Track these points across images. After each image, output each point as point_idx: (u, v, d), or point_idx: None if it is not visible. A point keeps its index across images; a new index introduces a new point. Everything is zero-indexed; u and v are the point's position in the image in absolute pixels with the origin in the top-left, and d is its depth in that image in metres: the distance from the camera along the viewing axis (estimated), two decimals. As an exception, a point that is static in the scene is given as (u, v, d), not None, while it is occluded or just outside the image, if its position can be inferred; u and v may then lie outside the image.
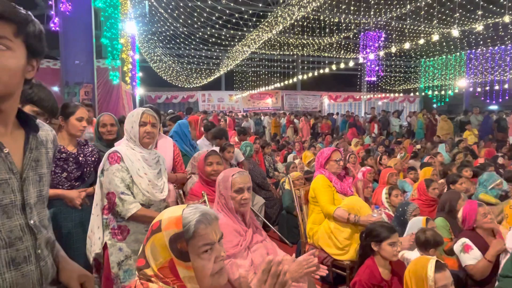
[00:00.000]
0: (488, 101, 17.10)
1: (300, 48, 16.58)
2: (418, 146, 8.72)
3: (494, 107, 17.69)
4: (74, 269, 1.12)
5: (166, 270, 0.97)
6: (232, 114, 15.64)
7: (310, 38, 14.78)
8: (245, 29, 13.17)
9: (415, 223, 2.68)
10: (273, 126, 13.68)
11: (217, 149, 3.57)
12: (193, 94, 19.34)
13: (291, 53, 17.71)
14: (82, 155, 2.22)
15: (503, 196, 3.71)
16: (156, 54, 15.74)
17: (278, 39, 15.10)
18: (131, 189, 1.87)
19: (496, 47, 15.91)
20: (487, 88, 16.82)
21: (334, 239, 2.67)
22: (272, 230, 4.10)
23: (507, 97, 16.30)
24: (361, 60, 16.94)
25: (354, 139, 8.94)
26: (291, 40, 15.38)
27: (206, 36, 14.20)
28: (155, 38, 14.20)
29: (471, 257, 2.35)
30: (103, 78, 7.02)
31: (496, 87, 16.32)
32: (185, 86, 18.67)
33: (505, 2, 10.52)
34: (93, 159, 2.27)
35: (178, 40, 14.41)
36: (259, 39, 12.77)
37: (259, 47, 14.69)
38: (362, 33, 15.86)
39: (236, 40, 14.81)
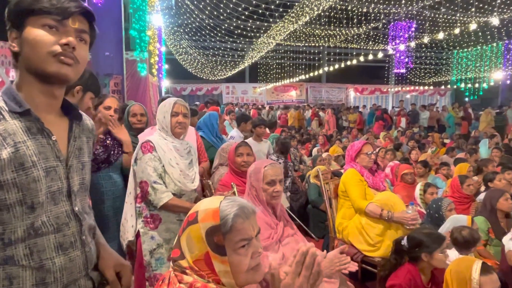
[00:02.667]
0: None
1: (326, 39, 16.22)
2: (447, 141, 8.38)
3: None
4: (111, 257, 1.13)
5: (202, 263, 0.94)
6: (255, 106, 15.59)
7: (337, 29, 14.42)
8: (270, 20, 13.02)
9: (459, 221, 2.54)
10: (297, 118, 13.54)
11: (250, 142, 3.55)
12: (217, 86, 19.42)
13: (317, 44, 17.37)
14: (109, 139, 2.26)
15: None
16: (181, 47, 15.89)
17: (304, 30, 14.83)
18: (163, 178, 1.88)
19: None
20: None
21: (366, 235, 2.59)
22: (298, 224, 4.05)
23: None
24: (390, 52, 16.38)
25: (382, 133, 8.70)
26: (317, 31, 15.07)
27: (231, 27, 14.17)
28: (181, 31, 14.32)
29: None
30: (132, 70, 7.14)
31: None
32: (210, 79, 18.78)
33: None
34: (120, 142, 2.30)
35: (203, 32, 14.47)
36: (285, 30, 12.59)
37: (284, 38, 14.50)
38: (391, 24, 15.30)
39: (261, 31, 14.70)
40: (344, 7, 12.20)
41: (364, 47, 16.93)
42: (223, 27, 14.28)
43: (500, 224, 2.83)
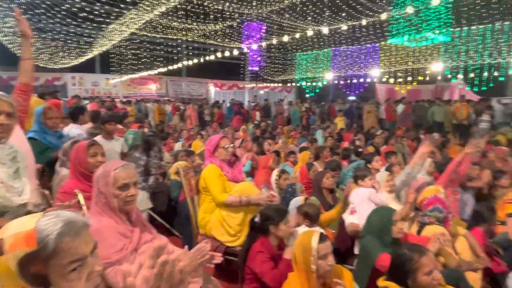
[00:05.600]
0: (348, 92, 20.02)
1: (184, 32, 16.05)
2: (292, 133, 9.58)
3: (352, 97, 20.77)
4: None
5: None
6: (109, 99, 14.15)
7: (195, 24, 14.44)
8: (122, 6, 11.96)
9: (297, 202, 2.94)
10: (157, 113, 12.99)
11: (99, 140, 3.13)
12: (60, 76, 16.72)
13: (175, 37, 17.00)
14: None
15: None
16: (6, 25, 12.90)
17: (161, 21, 14.26)
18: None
19: (354, 47, 18.59)
20: (348, 81, 19.66)
21: (227, 226, 2.67)
22: (161, 225, 3.88)
23: (362, 89, 19.38)
24: (245, 50, 17.50)
25: (242, 127, 9.23)
26: (174, 23, 14.72)
27: (74, 9, 12.33)
28: (4, 5, 11.60)
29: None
30: None
31: (354, 81, 19.21)
32: (49, 67, 15.96)
33: (361, 8, 12.32)
34: None
35: (37, 11, 12.11)
36: (139, 19, 11.79)
37: (140, 28, 13.59)
38: (245, 23, 16.34)
39: (112, 17, 13.34)
40: (200, 1, 12.29)
41: (222, 44, 17.56)
42: (62, 8, 12.29)
43: (326, 199, 3.44)
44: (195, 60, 15.97)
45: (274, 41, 14.18)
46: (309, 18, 12.94)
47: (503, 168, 4.22)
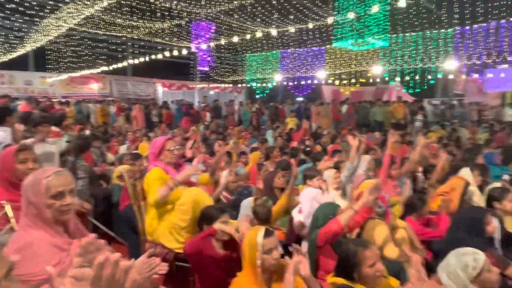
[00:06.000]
0: (296, 93, 20.62)
1: (129, 30, 15.34)
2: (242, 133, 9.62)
3: (300, 98, 21.42)
4: None
5: None
6: (47, 99, 13.03)
7: (140, 21, 13.87)
8: (58, -1, 11.11)
9: (247, 202, 2.94)
10: (100, 114, 12.25)
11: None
12: (-16, 73, 15.06)
13: (119, 34, 16.18)
14: None
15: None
16: None
17: (103, 17, 13.48)
18: None
19: (301, 49, 19.19)
20: (296, 82, 20.25)
21: (176, 233, 2.58)
22: (103, 232, 3.65)
23: (309, 91, 20.09)
24: (193, 50, 17.20)
25: (192, 128, 9.04)
26: (118, 20, 14.01)
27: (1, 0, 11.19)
28: None
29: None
30: None
31: (302, 82, 19.85)
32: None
33: (308, 12, 12.76)
34: None
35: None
36: (78, 14, 11.02)
37: (79, 23, 12.72)
38: (193, 23, 16.07)
39: (46, 11, 12.32)
40: (146, -2, 11.86)
41: (170, 43, 17.08)
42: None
43: (278, 199, 3.50)
44: (142, 59, 15.34)
45: (224, 42, 14.14)
46: (258, 19, 13.09)
47: (435, 163, 4.62)
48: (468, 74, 17.02)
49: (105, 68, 16.36)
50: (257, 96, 21.51)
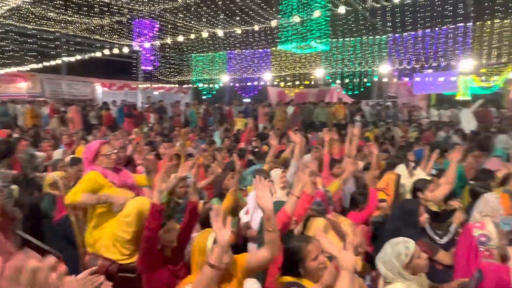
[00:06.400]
0: (243, 94, 20.76)
1: (63, 25, 14.22)
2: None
3: (247, 99, 21.60)
4: None
5: None
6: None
7: (76, 16, 12.93)
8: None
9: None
10: (29, 116, 11.18)
11: None
12: None
13: (52, 29, 14.92)
14: None
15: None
16: None
17: (32, 9, 12.33)
18: None
19: (248, 51, 19.36)
20: (243, 83, 20.39)
21: (119, 246, 2.42)
22: (34, 245, 3.31)
23: (256, 92, 20.35)
24: (136, 48, 16.46)
25: (135, 130, 8.64)
26: (50, 13, 12.91)
27: None
28: None
29: None
30: None
31: (249, 83, 20.05)
32: None
33: (253, 14, 12.91)
34: None
35: None
36: (2, 4, 9.96)
37: (4, 15, 11.50)
38: (136, 20, 15.38)
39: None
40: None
41: (110, 40, 16.15)
42: None
43: None
44: (78, 57, 14.29)
45: (169, 41, 13.73)
46: (204, 20, 12.93)
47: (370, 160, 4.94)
48: (399, 77, 18.60)
49: (35, 66, 14.97)
50: (203, 97, 21.25)
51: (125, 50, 13.07)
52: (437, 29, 14.13)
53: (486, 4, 12.23)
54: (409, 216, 2.78)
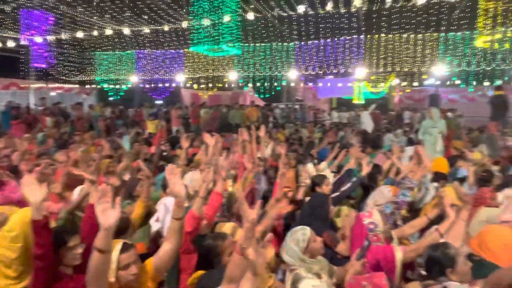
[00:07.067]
0: (154, 96, 19.91)
1: None
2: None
3: (159, 101, 20.77)
4: None
5: None
6: None
7: None
8: None
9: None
10: None
11: None
12: None
13: None
14: None
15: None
16: None
17: None
18: None
19: (158, 51, 18.65)
20: (153, 85, 19.55)
21: (4, 267, 2.07)
22: None
23: (168, 94, 19.72)
24: (24, 42, 14.38)
25: (26, 135, 7.55)
26: None
27: None
28: None
29: None
30: None
31: (160, 85, 19.33)
32: None
33: (163, 14, 12.48)
34: None
35: None
36: None
37: None
38: (23, 10, 13.45)
39: None
40: None
41: (-11, 31, 13.80)
42: None
43: None
44: None
45: (66, 36, 12.36)
46: (107, 16, 11.99)
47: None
48: (305, 82, 20.12)
49: None
50: (110, 99, 19.72)
51: (11, 44, 11.31)
52: (335, 39, 15.68)
53: (374, 20, 14.04)
54: (318, 209, 3.01)
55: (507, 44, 10.77)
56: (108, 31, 10.64)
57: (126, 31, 10.86)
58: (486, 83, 15.46)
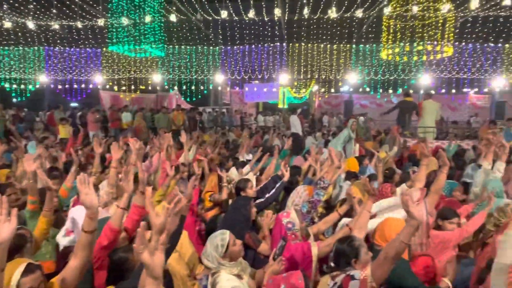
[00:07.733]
0: (69, 98, 18.13)
1: None
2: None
3: (74, 104, 18.99)
4: None
5: None
6: None
7: None
8: None
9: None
10: None
11: None
12: None
13: None
14: None
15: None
16: None
17: None
18: None
19: (72, 48, 17.06)
20: (67, 86, 17.78)
21: None
22: None
23: (84, 96, 18.13)
24: None
25: None
26: None
27: None
28: None
29: None
30: None
31: (75, 86, 17.67)
32: None
33: (76, 9, 11.48)
34: None
35: None
36: None
37: None
38: None
39: None
40: None
41: None
42: None
43: None
44: None
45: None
46: (5, 5, 10.56)
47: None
48: (232, 86, 20.33)
49: None
50: (13, 100, 17.41)
51: None
52: (259, 45, 16.18)
53: (295, 29, 14.85)
54: (241, 211, 3.04)
55: (405, 57, 12.33)
56: (7, 24, 9.35)
57: (31, 25, 9.68)
58: (390, 91, 17.45)
